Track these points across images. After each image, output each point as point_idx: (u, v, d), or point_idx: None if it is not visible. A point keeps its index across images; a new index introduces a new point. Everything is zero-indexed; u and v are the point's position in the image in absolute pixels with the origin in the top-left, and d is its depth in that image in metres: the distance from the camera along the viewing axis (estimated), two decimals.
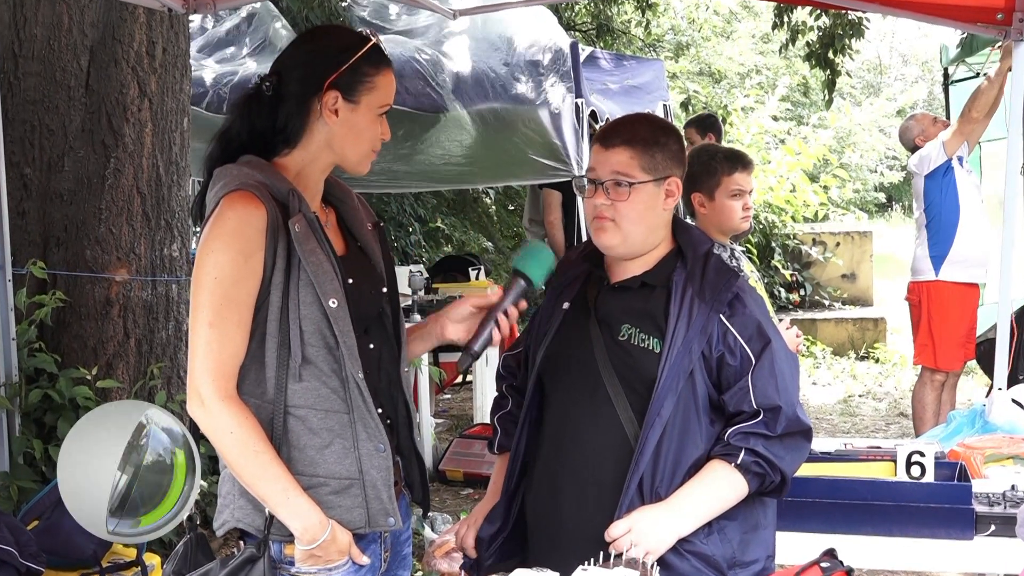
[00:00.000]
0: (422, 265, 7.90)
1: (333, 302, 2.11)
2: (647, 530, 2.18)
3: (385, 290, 2.32)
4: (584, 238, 6.36)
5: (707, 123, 6.93)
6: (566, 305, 2.40)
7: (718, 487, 2.23)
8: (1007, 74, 4.96)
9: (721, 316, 2.25)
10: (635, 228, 2.31)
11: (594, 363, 2.31)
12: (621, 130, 2.36)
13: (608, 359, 2.30)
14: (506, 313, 2.29)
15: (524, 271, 2.30)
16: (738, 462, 2.21)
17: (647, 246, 2.34)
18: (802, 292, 11.35)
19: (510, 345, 2.61)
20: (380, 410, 2.20)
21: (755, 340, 2.25)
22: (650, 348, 2.27)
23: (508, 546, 2.46)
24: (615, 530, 2.19)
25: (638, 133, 2.33)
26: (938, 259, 5.96)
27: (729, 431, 2.24)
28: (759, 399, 2.22)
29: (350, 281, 2.19)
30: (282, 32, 7.00)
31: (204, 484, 3.81)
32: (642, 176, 2.29)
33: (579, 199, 6.68)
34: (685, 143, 2.48)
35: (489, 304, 2.30)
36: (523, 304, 2.31)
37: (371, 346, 2.25)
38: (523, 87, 6.47)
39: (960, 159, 5.97)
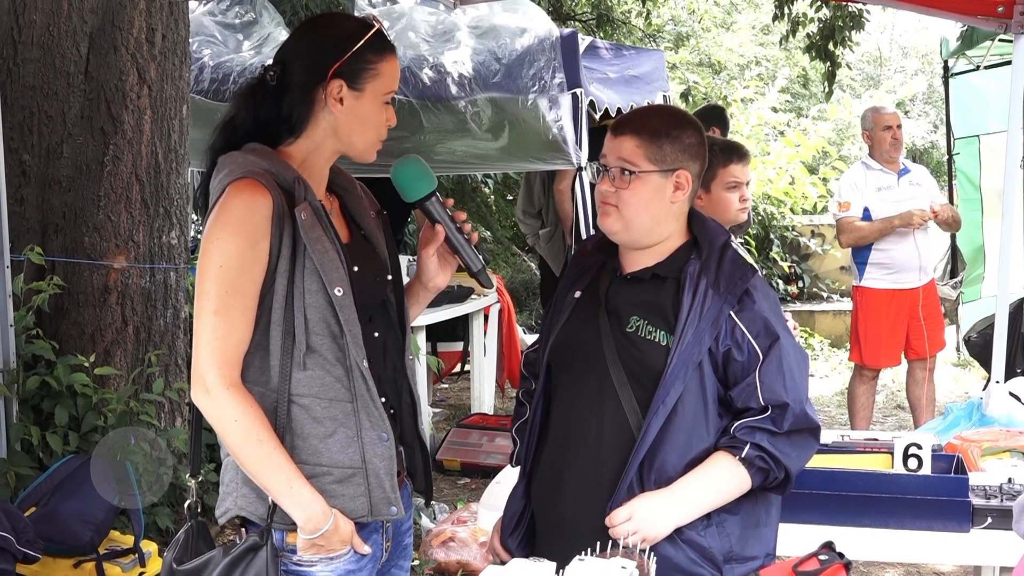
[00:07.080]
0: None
1: (339, 290, 2.11)
2: (646, 517, 2.19)
3: (389, 278, 2.32)
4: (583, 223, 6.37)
5: (710, 115, 6.86)
6: (577, 294, 2.40)
7: (720, 478, 2.23)
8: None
9: (731, 311, 2.23)
10: (637, 217, 2.29)
11: (601, 354, 2.30)
12: (633, 119, 2.35)
13: (615, 350, 2.29)
14: (459, 229, 2.32)
15: (415, 197, 2.31)
16: (742, 455, 2.21)
17: (653, 237, 2.33)
18: (800, 284, 11.36)
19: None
20: (384, 399, 2.21)
21: (763, 336, 2.23)
22: (657, 341, 2.26)
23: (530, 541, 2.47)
24: (616, 517, 2.20)
25: (649, 124, 2.32)
26: (861, 265, 6.14)
27: (735, 425, 2.24)
28: (766, 395, 2.22)
29: (355, 269, 2.19)
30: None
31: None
32: (646, 166, 2.27)
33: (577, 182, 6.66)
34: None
35: (439, 239, 2.32)
36: (451, 202, 2.33)
37: (376, 334, 2.25)
38: (521, 77, 6.45)
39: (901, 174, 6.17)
